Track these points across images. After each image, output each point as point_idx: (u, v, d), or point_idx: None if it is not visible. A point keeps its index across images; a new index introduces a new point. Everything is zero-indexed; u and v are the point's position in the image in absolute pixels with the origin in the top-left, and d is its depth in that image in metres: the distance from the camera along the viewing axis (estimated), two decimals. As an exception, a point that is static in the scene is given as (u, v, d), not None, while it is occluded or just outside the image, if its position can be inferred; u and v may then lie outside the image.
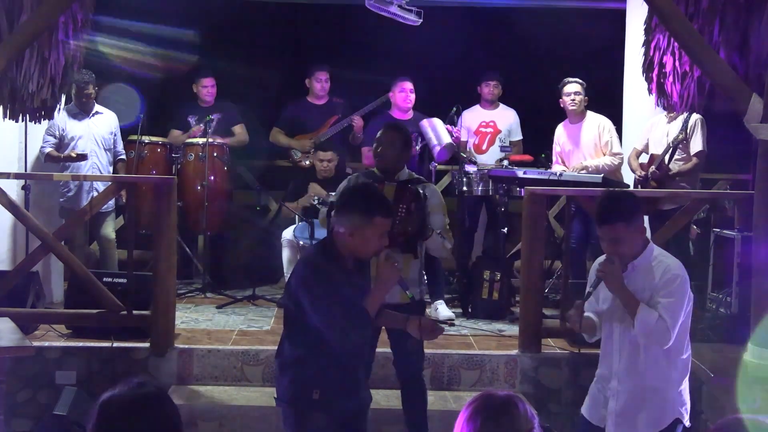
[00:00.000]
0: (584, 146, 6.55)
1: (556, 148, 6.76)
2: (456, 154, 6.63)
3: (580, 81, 6.54)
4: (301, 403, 3.33)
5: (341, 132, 7.10)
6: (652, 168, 6.19)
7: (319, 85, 7.10)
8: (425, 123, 6.52)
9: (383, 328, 4.46)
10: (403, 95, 6.74)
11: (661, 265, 3.42)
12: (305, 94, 7.24)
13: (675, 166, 6.21)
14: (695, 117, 6.11)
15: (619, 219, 3.37)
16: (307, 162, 7.01)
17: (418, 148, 6.49)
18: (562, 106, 6.60)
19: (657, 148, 6.33)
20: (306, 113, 7.18)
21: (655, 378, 3.42)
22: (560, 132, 6.73)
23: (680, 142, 6.12)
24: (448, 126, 6.55)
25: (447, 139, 6.43)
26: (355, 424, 3.48)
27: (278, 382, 3.44)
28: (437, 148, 6.43)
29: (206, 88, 7.21)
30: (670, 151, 6.15)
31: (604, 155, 6.49)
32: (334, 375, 3.33)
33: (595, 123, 6.54)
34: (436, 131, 6.46)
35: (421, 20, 6.30)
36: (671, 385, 3.44)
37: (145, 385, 2.10)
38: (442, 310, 6.25)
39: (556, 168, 6.60)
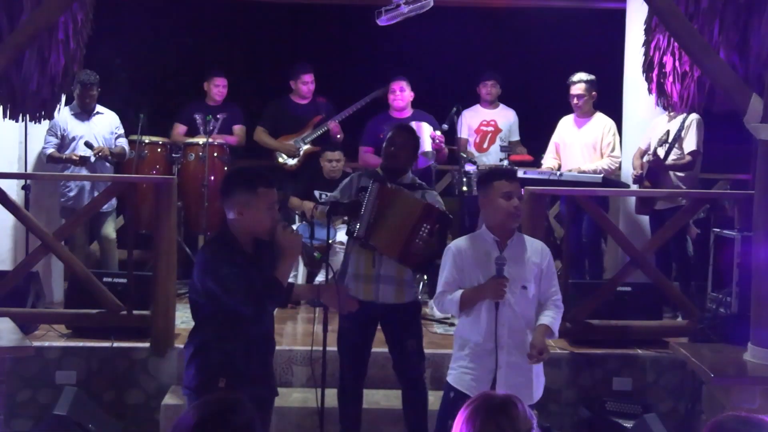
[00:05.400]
0: (584, 144, 6.53)
1: (555, 138, 6.74)
2: (456, 154, 6.61)
3: (586, 78, 6.47)
4: (206, 392, 3.23)
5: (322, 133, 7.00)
6: (648, 157, 6.21)
7: (305, 87, 7.01)
8: (413, 125, 6.39)
9: (379, 329, 4.48)
10: (393, 96, 6.69)
11: (535, 242, 3.90)
12: (288, 92, 7.15)
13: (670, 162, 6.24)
14: (692, 117, 6.12)
15: None
16: (292, 162, 6.93)
17: None
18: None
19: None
20: (289, 112, 7.08)
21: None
22: (564, 124, 6.70)
23: (673, 141, 6.11)
24: (434, 133, 6.39)
25: (427, 147, 6.28)
26: (259, 416, 3.49)
27: (186, 372, 3.46)
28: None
29: (218, 87, 7.21)
30: (657, 145, 6.17)
31: (603, 156, 6.48)
32: (241, 363, 3.36)
33: (601, 125, 6.51)
34: (420, 137, 6.33)
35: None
36: None
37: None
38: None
39: (548, 162, 6.58)
